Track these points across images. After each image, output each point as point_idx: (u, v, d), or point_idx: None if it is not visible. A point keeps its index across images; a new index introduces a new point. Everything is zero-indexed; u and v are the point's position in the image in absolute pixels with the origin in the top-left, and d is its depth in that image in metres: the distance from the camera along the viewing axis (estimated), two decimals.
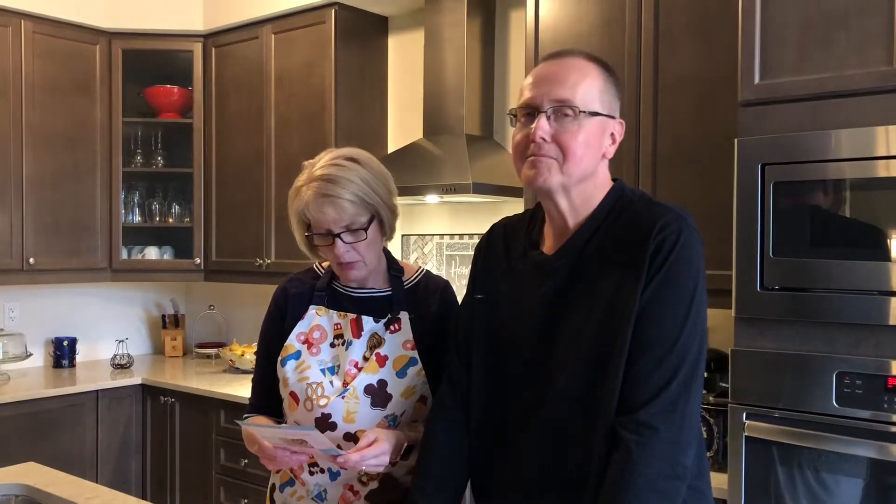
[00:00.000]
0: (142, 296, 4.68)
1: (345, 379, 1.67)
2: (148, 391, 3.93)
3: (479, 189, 2.99)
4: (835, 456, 1.89)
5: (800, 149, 1.95)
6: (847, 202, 1.93)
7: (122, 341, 4.23)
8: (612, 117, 1.41)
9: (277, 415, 1.79)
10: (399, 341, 1.70)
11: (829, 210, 1.95)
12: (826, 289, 1.92)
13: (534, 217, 1.53)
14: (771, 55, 2.04)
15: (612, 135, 1.41)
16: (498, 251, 1.55)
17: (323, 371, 1.69)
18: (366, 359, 1.69)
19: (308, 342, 1.73)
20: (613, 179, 1.46)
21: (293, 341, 1.73)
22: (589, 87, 1.37)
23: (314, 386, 1.67)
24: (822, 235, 1.94)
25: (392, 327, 1.71)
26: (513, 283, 1.49)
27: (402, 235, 3.84)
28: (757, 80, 2.05)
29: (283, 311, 1.79)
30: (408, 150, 3.38)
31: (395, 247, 3.84)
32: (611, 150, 1.42)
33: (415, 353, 1.69)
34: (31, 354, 3.98)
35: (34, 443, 3.53)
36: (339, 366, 1.70)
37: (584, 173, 1.38)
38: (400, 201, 1.81)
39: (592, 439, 1.32)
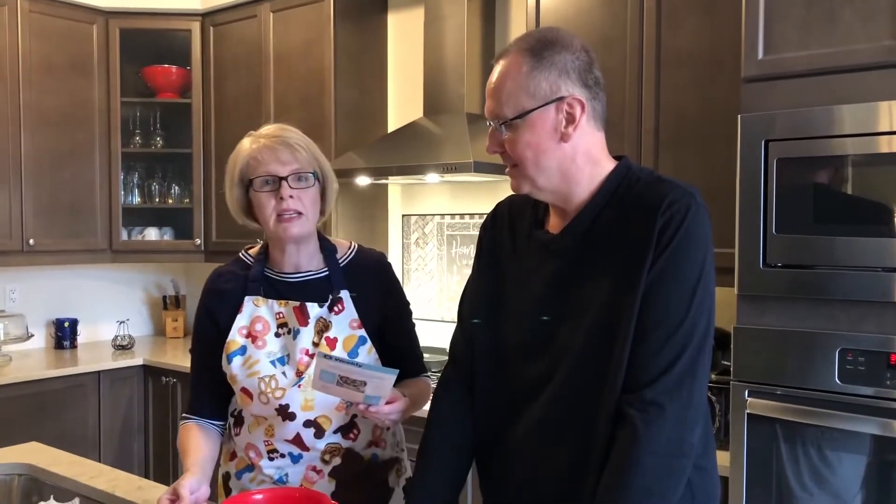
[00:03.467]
0: (142, 277, 4.68)
1: (297, 368, 1.65)
2: (149, 372, 3.94)
3: (480, 168, 2.97)
4: (837, 433, 1.89)
5: (803, 125, 1.94)
6: (851, 178, 1.92)
7: (123, 322, 4.23)
8: (552, 101, 1.33)
9: (218, 413, 1.77)
10: (345, 321, 1.68)
11: (833, 186, 1.94)
12: (829, 265, 1.91)
13: None
14: (775, 30, 2.01)
15: (567, 113, 1.34)
16: (503, 230, 1.54)
17: (273, 363, 1.66)
18: (315, 345, 1.66)
19: (251, 335, 1.69)
20: (618, 157, 1.43)
21: (235, 336, 1.69)
22: (512, 89, 1.34)
23: (267, 379, 1.64)
24: (825, 212, 1.93)
25: (336, 308, 1.68)
26: (518, 262, 1.48)
27: (403, 216, 3.83)
28: (760, 55, 2.03)
29: (213, 309, 1.75)
30: (408, 129, 3.36)
31: (395, 227, 3.83)
32: (570, 130, 1.34)
33: (362, 332, 1.68)
34: (32, 336, 3.98)
35: (37, 423, 3.54)
36: (289, 355, 1.67)
37: (546, 168, 1.36)
38: (400, 181, 1.80)
39: (597, 417, 1.31)
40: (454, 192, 3.64)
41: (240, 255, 1.82)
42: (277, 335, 1.69)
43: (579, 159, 1.37)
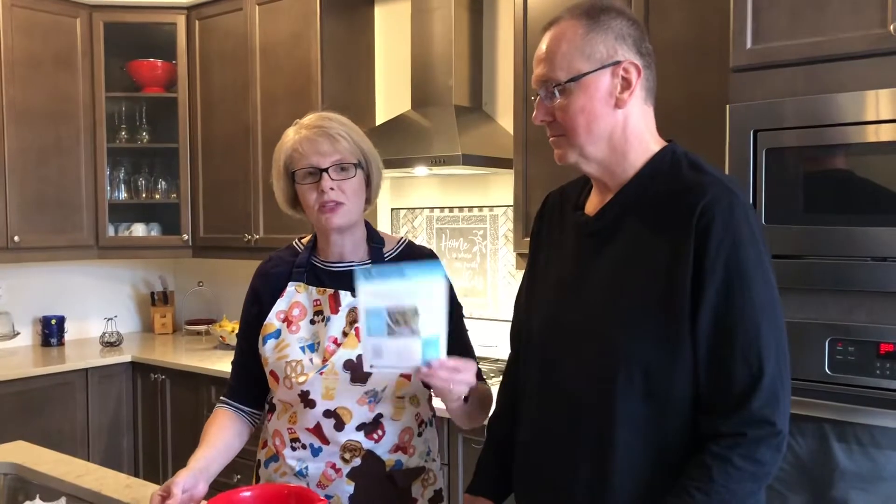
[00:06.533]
0: (130, 273, 4.64)
1: (324, 355, 1.65)
2: (138, 369, 3.92)
3: (469, 161, 2.96)
4: (827, 423, 1.89)
5: (792, 114, 1.93)
6: (840, 168, 1.91)
7: (111, 319, 4.21)
8: (608, 65, 1.30)
9: (255, 399, 1.78)
10: None
11: (822, 176, 1.93)
12: (819, 255, 1.90)
13: (587, 179, 1.47)
14: (763, 19, 2.00)
15: (623, 78, 1.31)
16: (552, 217, 1.51)
17: (303, 349, 1.67)
18: (345, 334, 1.66)
19: (288, 320, 1.71)
20: (668, 140, 1.39)
21: (273, 320, 1.71)
22: (566, 52, 1.31)
23: (293, 364, 1.65)
24: (815, 202, 1.93)
25: None
26: (557, 247, 1.45)
27: (392, 209, 3.81)
28: (749, 44, 2.02)
29: (259, 292, 1.77)
30: (396, 122, 3.35)
31: (384, 220, 3.82)
32: (625, 96, 1.31)
33: None
34: (18, 333, 3.96)
35: (24, 422, 3.51)
36: (318, 343, 1.67)
37: (597, 136, 1.32)
38: (388, 174, 1.79)
39: (611, 415, 1.27)
40: (443, 185, 3.63)
41: (293, 242, 1.82)
42: (312, 322, 1.70)
43: (629, 131, 1.33)
